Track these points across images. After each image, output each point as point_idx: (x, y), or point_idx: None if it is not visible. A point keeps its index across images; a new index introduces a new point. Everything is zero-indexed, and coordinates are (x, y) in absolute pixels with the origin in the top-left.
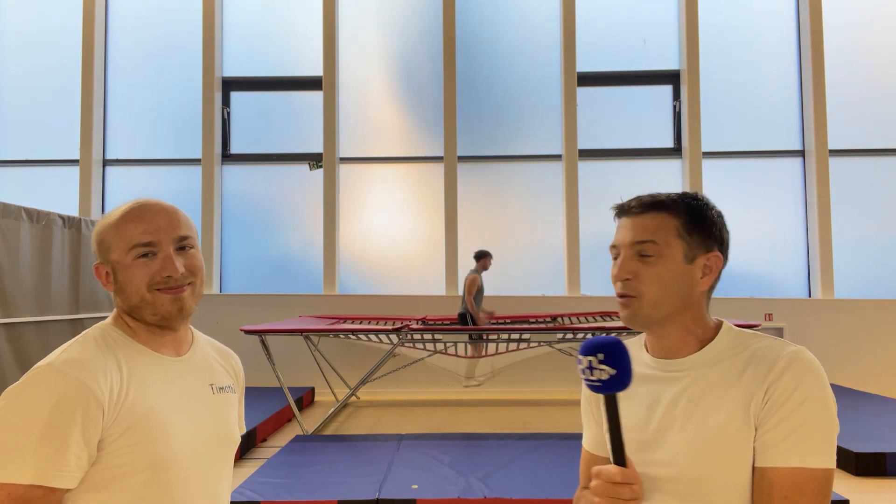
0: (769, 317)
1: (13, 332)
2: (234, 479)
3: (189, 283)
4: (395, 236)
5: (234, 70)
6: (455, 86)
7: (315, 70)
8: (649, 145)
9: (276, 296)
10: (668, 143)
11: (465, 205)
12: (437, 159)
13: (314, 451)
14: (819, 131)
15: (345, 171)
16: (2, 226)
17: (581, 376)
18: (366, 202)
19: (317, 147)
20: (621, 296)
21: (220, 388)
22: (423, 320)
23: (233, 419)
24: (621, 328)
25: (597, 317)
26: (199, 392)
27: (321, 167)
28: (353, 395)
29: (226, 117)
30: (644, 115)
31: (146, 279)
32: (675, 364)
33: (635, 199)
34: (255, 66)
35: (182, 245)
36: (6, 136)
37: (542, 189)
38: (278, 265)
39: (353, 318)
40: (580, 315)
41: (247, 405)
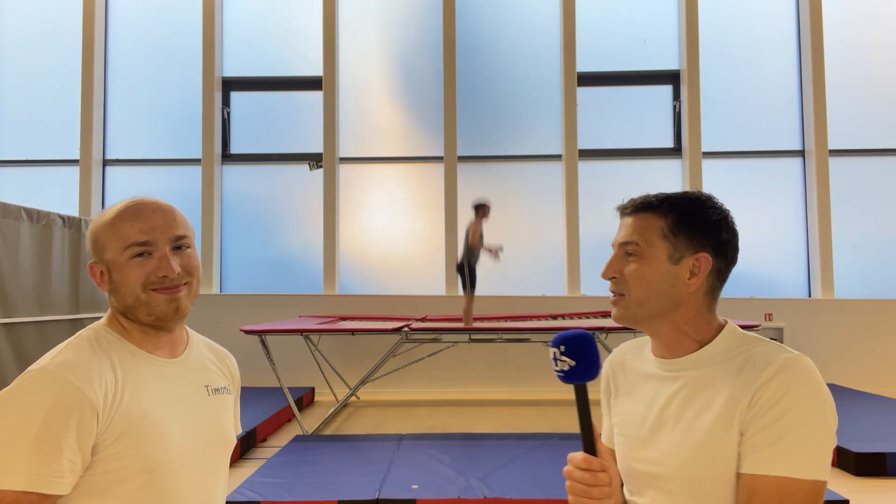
0: (769, 317)
1: (13, 332)
2: (234, 479)
3: (185, 284)
4: (395, 236)
5: (234, 70)
6: (455, 86)
7: (315, 70)
8: (649, 145)
9: (276, 296)
10: (668, 143)
11: (465, 205)
12: (437, 159)
13: (314, 451)
14: (819, 131)
15: (345, 171)
16: (2, 226)
17: (552, 367)
18: (366, 202)
19: (317, 147)
20: (612, 293)
21: (216, 390)
22: (423, 320)
23: (228, 421)
24: (621, 328)
25: (597, 316)
26: (194, 394)
27: (321, 167)
28: (353, 395)
29: (226, 117)
30: (644, 115)
31: (141, 279)
32: (673, 364)
33: (630, 200)
34: (255, 66)
35: (178, 244)
36: (6, 136)
37: (542, 189)
38: (278, 265)
39: (352, 318)
40: (580, 315)
41: (247, 405)
